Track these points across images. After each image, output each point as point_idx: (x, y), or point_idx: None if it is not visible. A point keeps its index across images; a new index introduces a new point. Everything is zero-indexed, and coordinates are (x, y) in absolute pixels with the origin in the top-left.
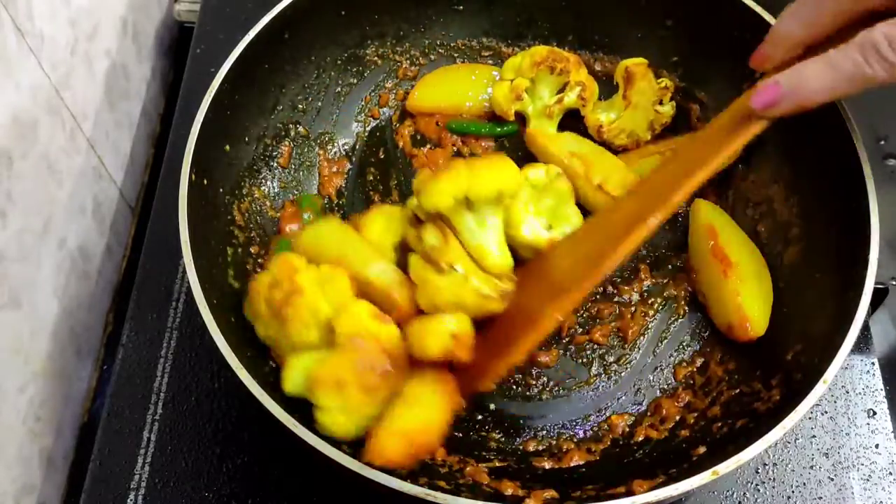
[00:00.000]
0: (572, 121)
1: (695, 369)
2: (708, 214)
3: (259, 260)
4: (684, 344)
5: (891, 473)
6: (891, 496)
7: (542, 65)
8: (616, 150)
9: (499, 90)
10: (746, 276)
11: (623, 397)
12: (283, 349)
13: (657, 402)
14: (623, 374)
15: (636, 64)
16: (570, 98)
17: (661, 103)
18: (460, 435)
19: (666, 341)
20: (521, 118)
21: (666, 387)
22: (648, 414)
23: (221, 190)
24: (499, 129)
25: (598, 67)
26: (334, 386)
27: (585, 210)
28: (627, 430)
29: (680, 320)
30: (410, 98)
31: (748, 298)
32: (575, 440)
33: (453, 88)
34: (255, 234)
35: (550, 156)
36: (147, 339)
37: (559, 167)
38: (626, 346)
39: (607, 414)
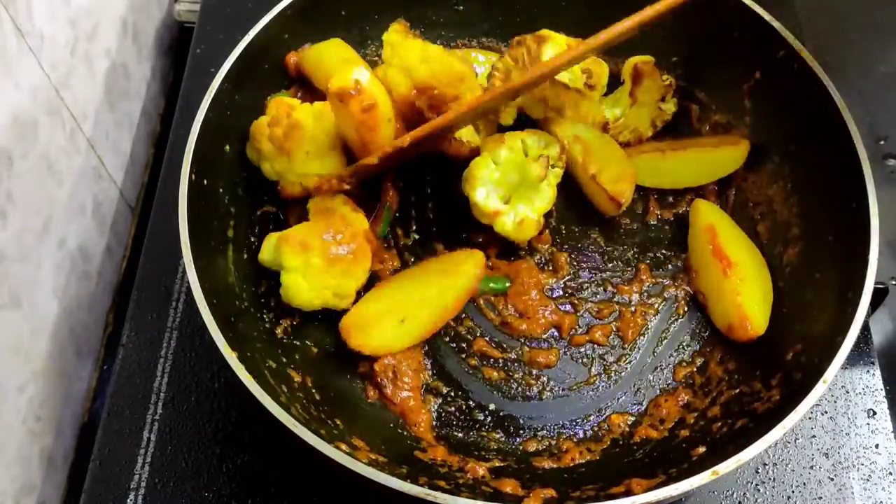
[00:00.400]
0: None
1: (695, 369)
2: (708, 214)
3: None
4: (684, 344)
5: (891, 473)
6: (891, 496)
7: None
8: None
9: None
10: (746, 276)
11: (623, 397)
12: (291, 182)
13: (657, 401)
14: (623, 374)
15: (645, 62)
16: (577, 85)
17: (663, 100)
18: (460, 435)
19: (666, 341)
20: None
21: (666, 387)
22: (648, 414)
23: (221, 190)
24: None
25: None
26: (299, 246)
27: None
28: (627, 430)
29: (680, 320)
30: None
31: (748, 298)
32: (575, 440)
33: None
34: (254, 233)
35: (554, 137)
36: (147, 339)
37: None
38: (626, 346)
39: (607, 414)
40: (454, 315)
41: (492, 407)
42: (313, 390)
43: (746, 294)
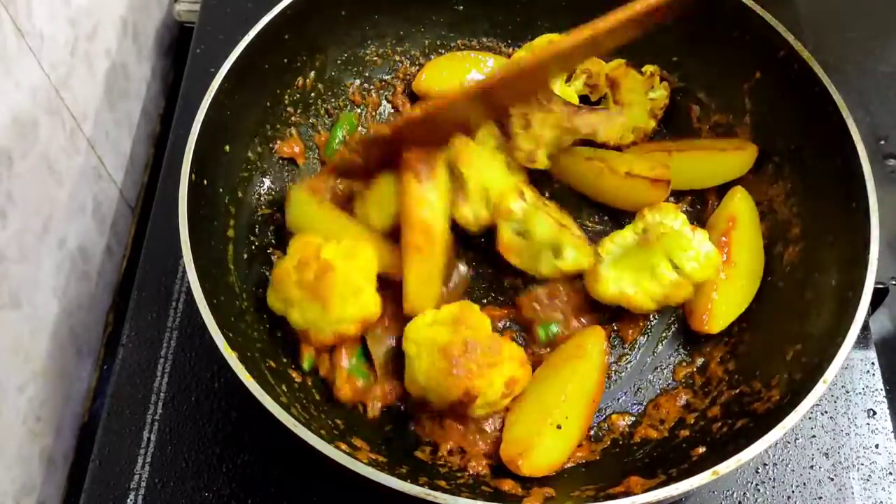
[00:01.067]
0: None
1: (695, 369)
2: (738, 205)
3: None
4: (684, 344)
5: (891, 473)
6: (891, 496)
7: None
8: (621, 148)
9: None
10: (734, 279)
11: (623, 397)
12: (324, 329)
13: (657, 402)
14: (623, 374)
15: (613, 68)
16: (577, 86)
17: (652, 89)
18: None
19: (666, 341)
20: None
21: (666, 387)
22: (648, 414)
23: (221, 190)
24: None
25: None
26: (279, 282)
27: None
28: (627, 430)
29: (680, 320)
30: (417, 80)
31: (722, 299)
32: None
33: (460, 73)
34: (254, 233)
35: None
36: (147, 339)
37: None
38: (626, 346)
39: (607, 413)
40: (599, 399)
41: None
42: (313, 390)
43: (723, 294)
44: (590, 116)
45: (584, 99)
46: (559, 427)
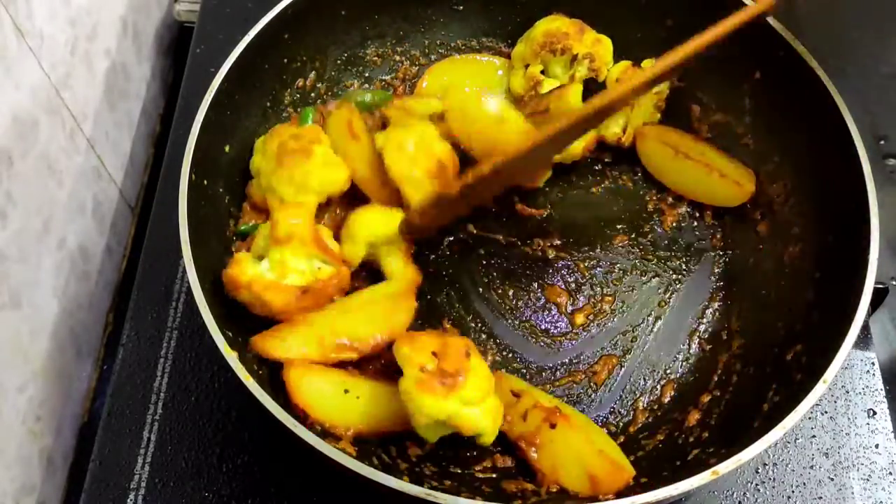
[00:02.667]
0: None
1: (695, 369)
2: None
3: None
4: (684, 343)
5: (891, 473)
6: (891, 496)
7: (542, 51)
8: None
9: (515, 79)
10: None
11: (623, 397)
12: (273, 201)
13: (657, 402)
14: (622, 373)
15: (622, 70)
16: (582, 71)
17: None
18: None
19: (665, 341)
20: None
21: (666, 386)
22: (648, 414)
23: (221, 190)
24: None
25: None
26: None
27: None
28: (628, 430)
29: (678, 320)
30: (418, 88)
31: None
32: None
33: (462, 77)
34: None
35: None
36: (147, 339)
37: None
38: (625, 345)
39: (607, 413)
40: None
41: None
42: None
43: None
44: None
45: (589, 81)
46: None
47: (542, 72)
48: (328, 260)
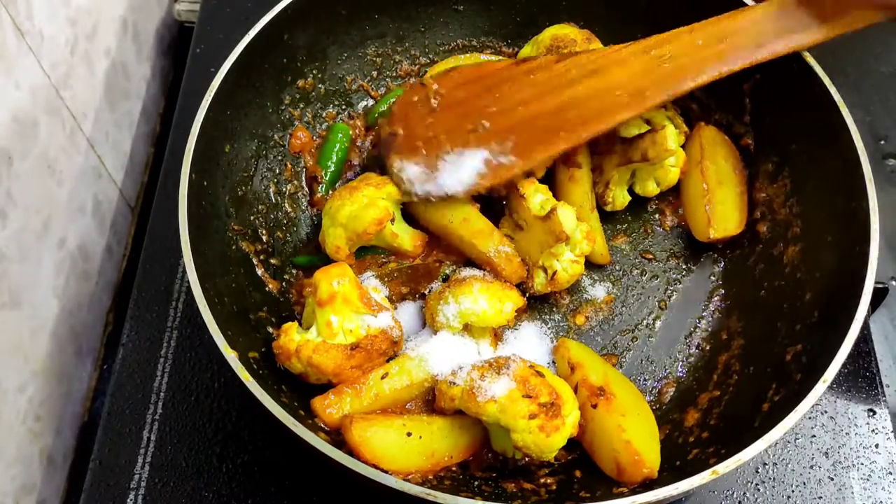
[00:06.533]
0: None
1: (695, 369)
2: (705, 134)
3: (260, 257)
4: (684, 343)
5: (891, 473)
6: (891, 496)
7: (548, 54)
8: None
9: None
10: (720, 192)
11: None
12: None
13: (657, 401)
14: (622, 373)
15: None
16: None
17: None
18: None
19: (665, 341)
20: None
21: (666, 386)
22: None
23: (221, 190)
24: None
25: None
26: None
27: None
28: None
29: (678, 319)
30: (429, 75)
31: (715, 208)
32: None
33: None
34: (254, 233)
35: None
36: (147, 339)
37: None
38: (625, 345)
39: None
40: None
41: None
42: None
43: (715, 204)
44: (640, 143)
45: None
46: (409, 435)
47: None
48: (377, 312)
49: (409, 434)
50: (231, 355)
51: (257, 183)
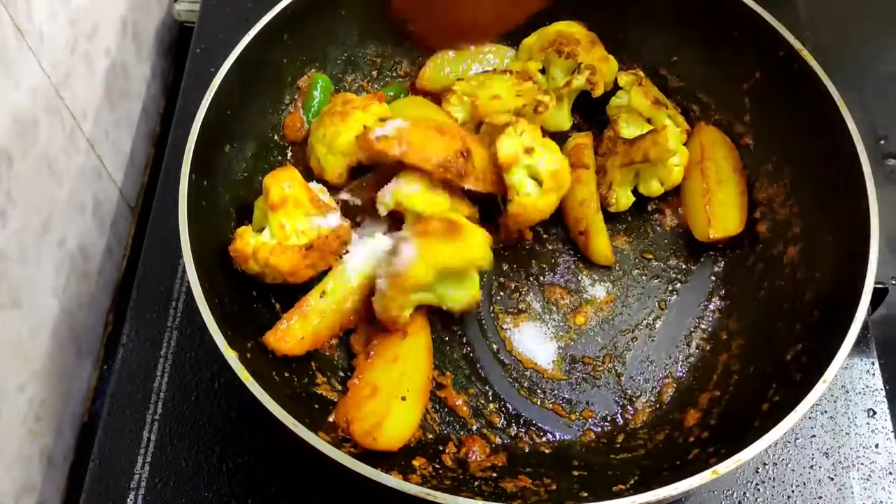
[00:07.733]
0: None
1: (695, 369)
2: (705, 135)
3: None
4: (683, 343)
5: (891, 473)
6: (891, 496)
7: (549, 48)
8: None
9: (515, 64)
10: (720, 192)
11: (623, 397)
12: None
13: (657, 401)
14: (622, 373)
15: (630, 83)
16: (579, 81)
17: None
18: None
19: (665, 341)
20: None
21: (666, 386)
22: (648, 414)
23: (221, 190)
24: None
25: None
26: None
27: None
28: (628, 430)
29: (677, 319)
30: (420, 77)
31: (714, 208)
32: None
33: (463, 69)
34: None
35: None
36: (147, 339)
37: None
38: (625, 345)
39: (607, 412)
40: (431, 374)
41: (491, 408)
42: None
43: (715, 204)
44: (641, 144)
45: (584, 94)
46: (404, 399)
47: (541, 70)
48: (327, 213)
49: (403, 398)
50: (231, 355)
51: (257, 183)
